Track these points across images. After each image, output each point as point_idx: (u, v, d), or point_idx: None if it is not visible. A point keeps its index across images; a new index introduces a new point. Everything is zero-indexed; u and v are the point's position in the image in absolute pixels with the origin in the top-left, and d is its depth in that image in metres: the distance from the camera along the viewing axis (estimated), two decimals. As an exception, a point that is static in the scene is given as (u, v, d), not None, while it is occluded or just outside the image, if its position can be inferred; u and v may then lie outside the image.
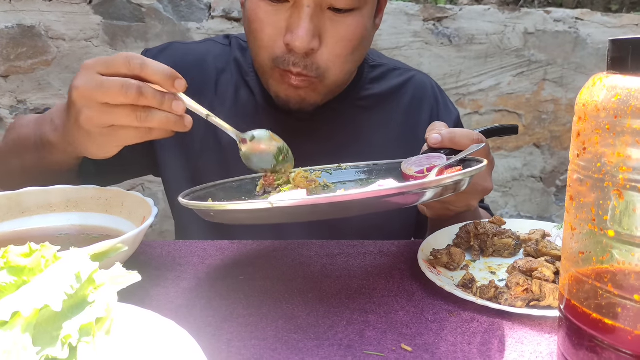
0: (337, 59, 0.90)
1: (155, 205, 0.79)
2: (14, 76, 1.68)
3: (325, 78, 0.92)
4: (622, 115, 0.48)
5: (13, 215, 0.82)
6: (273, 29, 0.89)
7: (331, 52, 0.89)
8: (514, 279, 0.69)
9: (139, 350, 0.53)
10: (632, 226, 0.48)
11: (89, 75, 0.70)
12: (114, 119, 0.71)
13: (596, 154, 0.51)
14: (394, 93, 1.11)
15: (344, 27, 0.89)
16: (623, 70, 0.50)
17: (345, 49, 0.90)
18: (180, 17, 1.70)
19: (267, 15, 0.88)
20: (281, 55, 0.89)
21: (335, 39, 0.89)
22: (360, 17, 0.90)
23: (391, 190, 0.54)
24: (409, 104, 1.11)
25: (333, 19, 0.88)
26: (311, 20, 0.85)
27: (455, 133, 0.84)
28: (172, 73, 0.71)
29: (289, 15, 0.87)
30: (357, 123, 1.07)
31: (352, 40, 0.90)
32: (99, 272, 0.53)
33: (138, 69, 0.69)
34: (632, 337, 0.49)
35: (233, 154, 0.86)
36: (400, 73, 1.14)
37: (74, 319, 0.49)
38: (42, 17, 1.66)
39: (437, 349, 0.60)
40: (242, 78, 1.07)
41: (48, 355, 0.47)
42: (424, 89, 1.13)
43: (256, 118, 1.04)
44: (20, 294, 0.49)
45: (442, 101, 1.15)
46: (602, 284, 0.51)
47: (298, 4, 0.86)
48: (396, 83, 1.12)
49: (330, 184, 0.87)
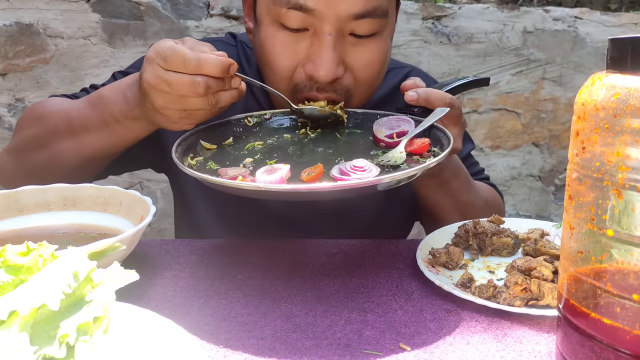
0: (364, 83, 0.90)
1: (153, 204, 0.78)
2: (12, 74, 1.68)
3: (351, 99, 0.91)
4: (621, 115, 0.48)
5: (11, 214, 0.82)
6: (292, 59, 0.87)
7: (357, 77, 0.89)
8: (512, 278, 0.69)
9: (136, 349, 0.53)
10: (631, 225, 0.48)
11: (154, 70, 0.75)
12: (187, 106, 0.76)
13: (595, 153, 0.51)
14: (393, 94, 1.11)
15: (367, 52, 0.88)
16: (622, 69, 0.50)
17: (371, 73, 0.90)
18: (179, 15, 1.70)
19: (286, 46, 0.86)
20: (302, 83, 0.88)
21: (360, 64, 0.88)
22: (382, 40, 0.89)
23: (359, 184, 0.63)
24: None
25: (356, 45, 0.87)
26: (334, 49, 0.84)
27: (430, 93, 0.85)
28: (226, 64, 0.74)
29: (309, 44, 0.85)
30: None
31: (377, 64, 0.90)
32: (97, 271, 0.53)
33: (195, 69, 0.73)
34: (630, 337, 0.49)
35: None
36: (396, 73, 1.14)
37: (71, 318, 0.49)
38: (40, 14, 1.65)
39: (436, 348, 0.60)
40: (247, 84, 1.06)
41: (45, 355, 0.47)
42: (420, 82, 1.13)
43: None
44: (17, 293, 0.49)
45: None
46: (601, 283, 0.50)
47: (318, 32, 0.84)
48: (394, 83, 1.12)
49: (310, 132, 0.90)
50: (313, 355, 0.58)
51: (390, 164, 0.72)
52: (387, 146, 0.81)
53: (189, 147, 0.81)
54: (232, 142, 0.87)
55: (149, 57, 0.76)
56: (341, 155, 0.79)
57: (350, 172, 0.68)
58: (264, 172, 0.69)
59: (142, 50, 1.69)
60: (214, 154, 0.83)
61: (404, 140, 0.78)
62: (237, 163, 0.78)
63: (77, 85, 1.70)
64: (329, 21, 0.83)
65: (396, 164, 0.72)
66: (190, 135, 0.83)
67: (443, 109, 0.83)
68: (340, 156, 0.79)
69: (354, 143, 0.86)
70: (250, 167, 0.76)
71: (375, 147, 0.83)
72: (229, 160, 0.80)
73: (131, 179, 1.92)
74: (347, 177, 0.67)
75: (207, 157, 0.81)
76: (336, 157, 0.79)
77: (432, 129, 0.82)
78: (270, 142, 0.86)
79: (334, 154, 0.81)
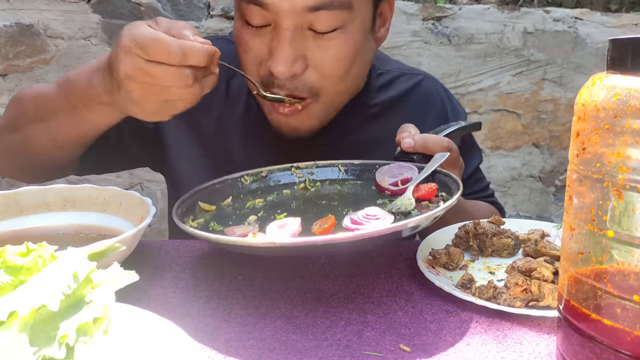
0: (328, 79, 0.87)
1: (153, 205, 0.78)
2: (12, 75, 1.68)
3: (320, 97, 0.89)
4: (621, 115, 0.48)
5: (10, 215, 0.82)
6: (256, 54, 0.86)
7: (320, 73, 0.86)
8: (512, 279, 0.69)
9: (136, 350, 0.53)
10: (632, 226, 0.48)
11: (133, 61, 0.69)
12: (170, 97, 0.72)
13: (595, 154, 0.50)
14: (402, 100, 1.09)
15: (330, 48, 0.85)
16: (623, 70, 0.50)
17: (336, 69, 0.87)
18: (179, 16, 1.70)
19: (250, 39, 0.86)
20: (266, 79, 0.86)
21: (322, 60, 0.85)
22: (347, 35, 0.85)
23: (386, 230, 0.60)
24: (415, 110, 1.09)
25: (317, 39, 0.84)
26: (291, 44, 0.82)
27: (427, 140, 0.85)
28: (211, 52, 0.72)
29: (270, 39, 0.84)
30: (365, 132, 1.05)
31: (342, 60, 0.86)
32: (97, 271, 0.53)
33: (182, 60, 0.69)
34: (631, 338, 0.49)
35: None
36: (407, 78, 1.11)
37: (71, 319, 0.49)
38: (41, 15, 1.66)
39: (436, 349, 0.60)
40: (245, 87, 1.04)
41: (45, 356, 0.47)
42: (430, 95, 1.12)
43: (264, 128, 0.99)
44: (17, 294, 0.49)
45: (450, 105, 1.13)
46: (601, 284, 0.50)
47: (278, 27, 0.82)
48: (403, 89, 1.09)
49: (310, 187, 0.90)
50: (313, 356, 0.58)
51: (401, 211, 0.71)
52: (392, 194, 0.81)
53: (188, 210, 0.79)
54: (231, 201, 0.85)
55: (123, 45, 0.70)
56: (348, 206, 0.78)
57: (363, 221, 0.66)
58: (275, 227, 0.67)
59: (143, 50, 1.70)
60: (214, 214, 0.81)
61: (410, 186, 0.77)
62: (241, 222, 0.77)
63: (78, 86, 1.70)
64: (285, 15, 0.81)
65: (407, 210, 0.71)
66: (188, 198, 0.81)
67: (443, 154, 0.83)
68: (347, 207, 0.78)
69: (358, 194, 0.86)
70: (256, 225, 0.75)
71: (380, 196, 0.83)
72: (231, 220, 0.78)
73: (131, 180, 1.92)
74: (361, 226, 0.65)
75: (208, 218, 0.80)
76: (343, 208, 0.78)
77: (435, 174, 0.82)
78: (271, 199, 0.86)
79: (340, 205, 0.80)
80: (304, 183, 0.90)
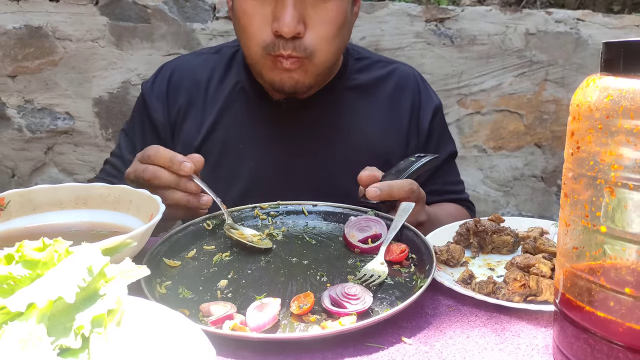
0: (322, 40, 1.00)
1: (162, 203, 0.81)
2: (21, 76, 1.71)
3: (314, 57, 1.01)
4: (614, 115, 0.50)
5: (25, 212, 0.84)
6: (261, 20, 0.98)
7: (316, 35, 0.99)
8: (511, 275, 0.71)
9: (148, 340, 0.55)
10: (624, 222, 0.50)
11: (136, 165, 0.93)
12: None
13: (589, 153, 0.52)
14: (378, 83, 1.20)
15: (325, 12, 0.99)
16: (615, 71, 0.52)
17: (329, 31, 1.00)
18: (185, 18, 1.72)
19: (254, 9, 0.99)
20: (270, 43, 0.99)
21: (318, 23, 0.99)
22: (340, 2, 1.00)
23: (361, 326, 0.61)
24: (392, 92, 1.20)
25: (315, 5, 0.98)
26: (294, 8, 0.96)
27: (392, 187, 0.90)
28: (177, 160, 0.88)
29: (274, 5, 0.97)
30: (344, 111, 1.16)
31: (335, 23, 1.00)
32: (110, 266, 0.55)
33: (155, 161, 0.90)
34: (623, 329, 0.51)
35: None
36: (383, 65, 1.22)
37: (86, 311, 0.51)
38: (49, 18, 1.68)
39: (436, 341, 0.62)
40: (234, 78, 1.17)
41: (62, 345, 0.49)
42: (407, 78, 1.22)
43: (248, 111, 1.15)
44: (34, 287, 0.51)
45: (424, 89, 1.23)
46: (595, 278, 0.52)
47: None
48: (380, 74, 1.21)
49: (275, 235, 0.90)
50: (318, 345, 0.60)
51: (376, 283, 0.72)
52: (362, 252, 0.83)
53: (154, 271, 0.73)
54: (196, 254, 0.83)
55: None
56: (320, 267, 0.78)
57: (343, 300, 0.65)
58: (255, 308, 0.64)
59: (149, 52, 1.72)
60: (180, 273, 0.78)
61: (382, 249, 0.79)
62: (211, 287, 0.73)
63: (86, 87, 1.72)
64: None
65: (381, 279, 0.73)
66: (151, 256, 0.77)
67: (409, 205, 0.87)
68: (319, 268, 0.78)
69: (327, 249, 0.85)
70: (229, 294, 0.72)
71: (350, 253, 0.83)
72: (200, 284, 0.74)
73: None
74: (342, 310, 0.64)
75: (175, 279, 0.75)
76: (316, 271, 0.77)
77: (403, 230, 0.84)
78: (237, 251, 0.83)
79: (312, 266, 0.79)
80: (269, 229, 0.91)
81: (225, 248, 0.85)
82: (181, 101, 1.16)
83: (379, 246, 0.80)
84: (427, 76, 1.83)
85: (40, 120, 1.73)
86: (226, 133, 1.15)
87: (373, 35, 1.81)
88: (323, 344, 0.61)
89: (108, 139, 1.75)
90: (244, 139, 1.15)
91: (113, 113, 1.74)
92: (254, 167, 1.14)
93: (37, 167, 1.75)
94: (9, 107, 1.71)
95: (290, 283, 0.74)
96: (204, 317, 0.65)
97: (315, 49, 1.00)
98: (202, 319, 0.65)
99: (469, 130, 1.95)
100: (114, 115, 1.74)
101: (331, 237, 0.89)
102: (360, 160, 1.00)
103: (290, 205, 0.95)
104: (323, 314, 0.66)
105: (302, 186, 1.12)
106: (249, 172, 1.14)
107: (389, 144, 1.16)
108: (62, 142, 1.74)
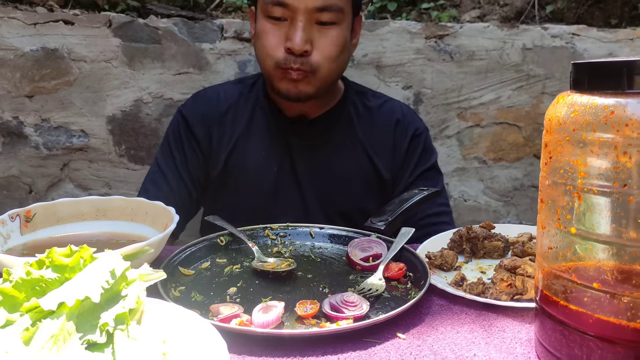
0: (325, 59, 1.21)
1: (176, 214, 0.87)
2: (38, 96, 1.78)
3: (318, 72, 1.21)
4: (579, 129, 0.56)
5: (49, 223, 0.91)
6: (276, 39, 1.20)
7: (321, 54, 1.20)
8: (498, 275, 0.76)
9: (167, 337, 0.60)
10: (591, 224, 0.56)
11: None
12: None
13: (560, 162, 0.58)
14: (373, 111, 1.40)
15: (328, 37, 1.21)
16: (581, 89, 0.58)
17: (332, 52, 1.22)
18: (194, 39, 1.80)
19: (272, 30, 1.21)
20: (283, 58, 1.19)
21: (323, 45, 1.20)
22: (340, 30, 1.22)
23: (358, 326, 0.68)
24: (382, 122, 1.39)
25: (320, 30, 1.20)
26: (304, 31, 1.17)
27: None
28: None
29: (287, 29, 1.19)
30: (346, 131, 1.37)
31: (337, 45, 1.22)
32: (131, 270, 0.61)
33: None
34: (592, 321, 0.56)
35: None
36: (378, 96, 1.45)
37: (110, 310, 0.57)
38: (65, 40, 1.76)
39: (428, 336, 0.68)
40: (253, 104, 1.37)
41: (89, 340, 0.55)
42: (393, 110, 1.41)
43: (266, 129, 1.35)
44: (64, 288, 0.57)
45: (409, 114, 1.43)
46: (567, 274, 0.58)
47: (294, 20, 1.18)
48: (376, 103, 1.41)
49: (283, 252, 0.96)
50: (316, 341, 0.66)
51: (373, 295, 0.78)
52: (363, 269, 0.88)
53: (169, 278, 0.80)
54: (209, 266, 0.90)
55: None
56: (322, 280, 0.85)
57: (342, 307, 0.72)
58: (260, 310, 0.70)
59: (160, 71, 1.79)
60: (194, 280, 0.84)
61: (380, 267, 0.84)
62: (221, 292, 0.80)
63: (100, 106, 1.79)
64: (300, 12, 1.17)
65: (378, 293, 0.78)
66: (168, 264, 0.85)
67: (409, 229, 0.94)
68: (322, 281, 0.84)
69: (330, 266, 0.91)
70: (237, 299, 0.79)
71: (352, 271, 0.89)
72: (211, 290, 0.81)
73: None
74: (340, 314, 0.71)
75: (188, 285, 0.83)
76: (319, 284, 0.83)
77: (403, 251, 0.89)
78: (247, 265, 0.90)
79: (316, 279, 0.85)
80: (277, 247, 0.97)
81: (237, 262, 0.91)
82: (213, 119, 1.35)
83: (378, 264, 0.86)
84: (428, 91, 1.89)
85: (56, 138, 1.80)
86: (249, 145, 1.34)
87: (375, 52, 1.87)
88: (323, 341, 0.67)
89: (121, 155, 1.82)
90: (263, 150, 1.34)
91: (126, 130, 1.81)
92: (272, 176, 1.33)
93: (54, 182, 1.82)
94: (27, 125, 1.79)
95: (294, 292, 0.80)
96: (213, 316, 0.71)
97: (319, 66, 1.21)
98: (211, 318, 0.70)
99: (470, 143, 2.00)
100: (126, 132, 1.81)
101: (335, 257, 0.94)
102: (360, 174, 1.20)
103: (298, 227, 1.03)
104: (323, 319, 0.71)
105: (307, 196, 1.32)
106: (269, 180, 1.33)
107: (383, 162, 1.35)
108: (77, 159, 1.81)
